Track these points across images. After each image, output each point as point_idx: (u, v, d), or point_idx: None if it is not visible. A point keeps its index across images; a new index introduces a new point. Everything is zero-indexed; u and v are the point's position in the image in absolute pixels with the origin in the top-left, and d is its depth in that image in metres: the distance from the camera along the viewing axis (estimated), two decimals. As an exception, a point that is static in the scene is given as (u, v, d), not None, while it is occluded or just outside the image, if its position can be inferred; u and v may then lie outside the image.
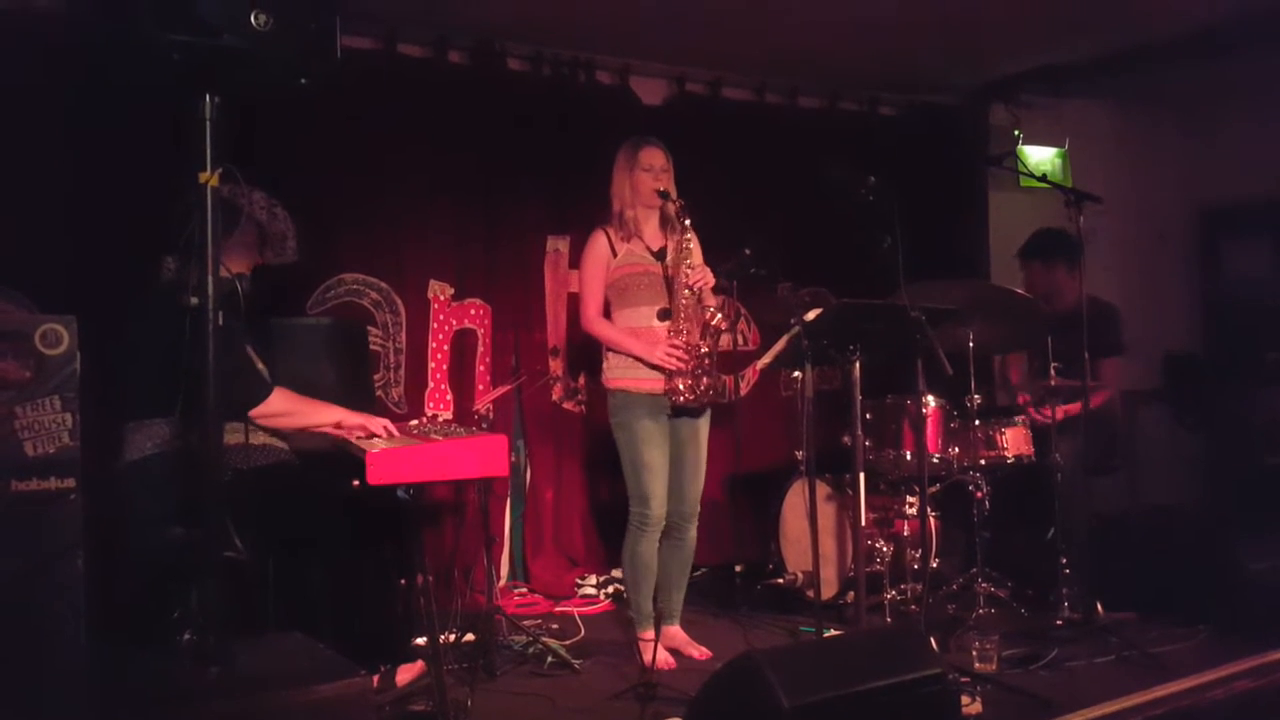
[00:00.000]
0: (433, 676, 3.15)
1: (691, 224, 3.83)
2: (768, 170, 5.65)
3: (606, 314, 3.94)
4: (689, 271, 3.79)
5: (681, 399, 3.77)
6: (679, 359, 3.76)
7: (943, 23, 5.00)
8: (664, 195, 3.84)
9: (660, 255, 3.90)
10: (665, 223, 3.94)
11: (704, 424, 3.95)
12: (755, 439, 5.45)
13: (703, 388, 3.79)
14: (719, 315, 3.80)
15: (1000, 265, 5.85)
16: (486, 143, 5.02)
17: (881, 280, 3.67)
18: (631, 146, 3.92)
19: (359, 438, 3.24)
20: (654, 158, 3.88)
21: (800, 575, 4.61)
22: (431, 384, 4.95)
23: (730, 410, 5.22)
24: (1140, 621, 4.11)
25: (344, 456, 3.25)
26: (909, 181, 3.89)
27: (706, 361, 3.80)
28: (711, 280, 3.86)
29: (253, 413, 3.17)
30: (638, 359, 3.81)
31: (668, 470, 3.88)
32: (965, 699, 3.20)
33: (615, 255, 3.88)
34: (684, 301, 3.80)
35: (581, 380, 5.26)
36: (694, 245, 3.88)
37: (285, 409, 3.26)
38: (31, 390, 2.19)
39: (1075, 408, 4.36)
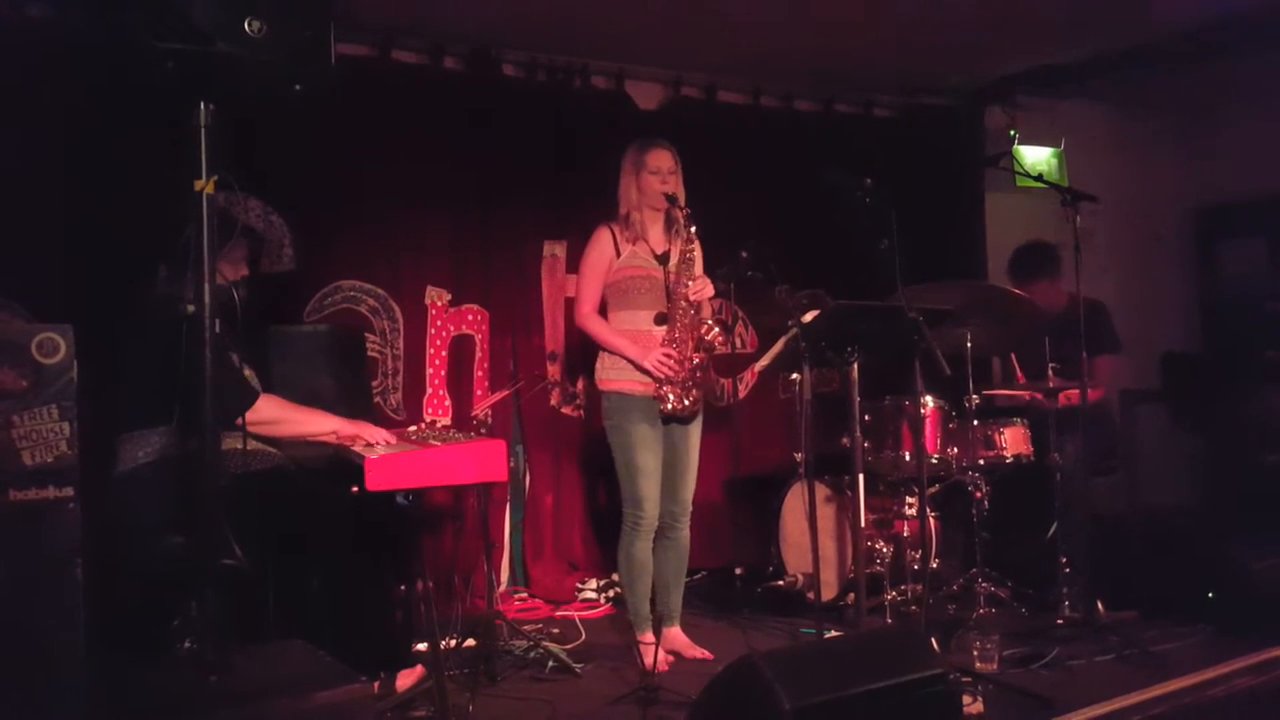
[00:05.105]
0: (433, 682, 3.14)
1: (697, 232, 3.83)
2: (764, 173, 5.65)
3: (603, 314, 3.93)
4: (689, 282, 3.79)
5: (669, 407, 3.77)
6: (671, 368, 3.76)
7: (938, 24, 5.01)
8: (671, 200, 3.81)
9: (663, 260, 3.88)
10: (670, 226, 3.92)
11: (695, 427, 3.94)
12: (754, 442, 5.46)
13: (691, 399, 3.80)
14: (715, 329, 3.79)
15: (997, 266, 5.83)
16: (482, 148, 5.02)
17: (879, 282, 3.67)
18: (639, 148, 3.89)
19: (358, 445, 3.23)
20: (662, 160, 3.85)
21: (800, 577, 4.61)
22: (430, 390, 4.95)
23: (729, 413, 5.23)
24: (1140, 620, 4.11)
25: (343, 463, 3.24)
26: (905, 183, 3.89)
27: (698, 374, 3.80)
28: (711, 292, 3.86)
29: (239, 420, 3.14)
30: (630, 361, 3.81)
31: (660, 473, 3.87)
32: (967, 699, 3.19)
33: (619, 255, 3.87)
34: (681, 311, 3.80)
35: (580, 385, 5.26)
36: (697, 255, 3.88)
37: (274, 416, 3.23)
38: (29, 399, 2.18)
39: (1074, 397, 4.36)
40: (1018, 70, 5.87)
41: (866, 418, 4.37)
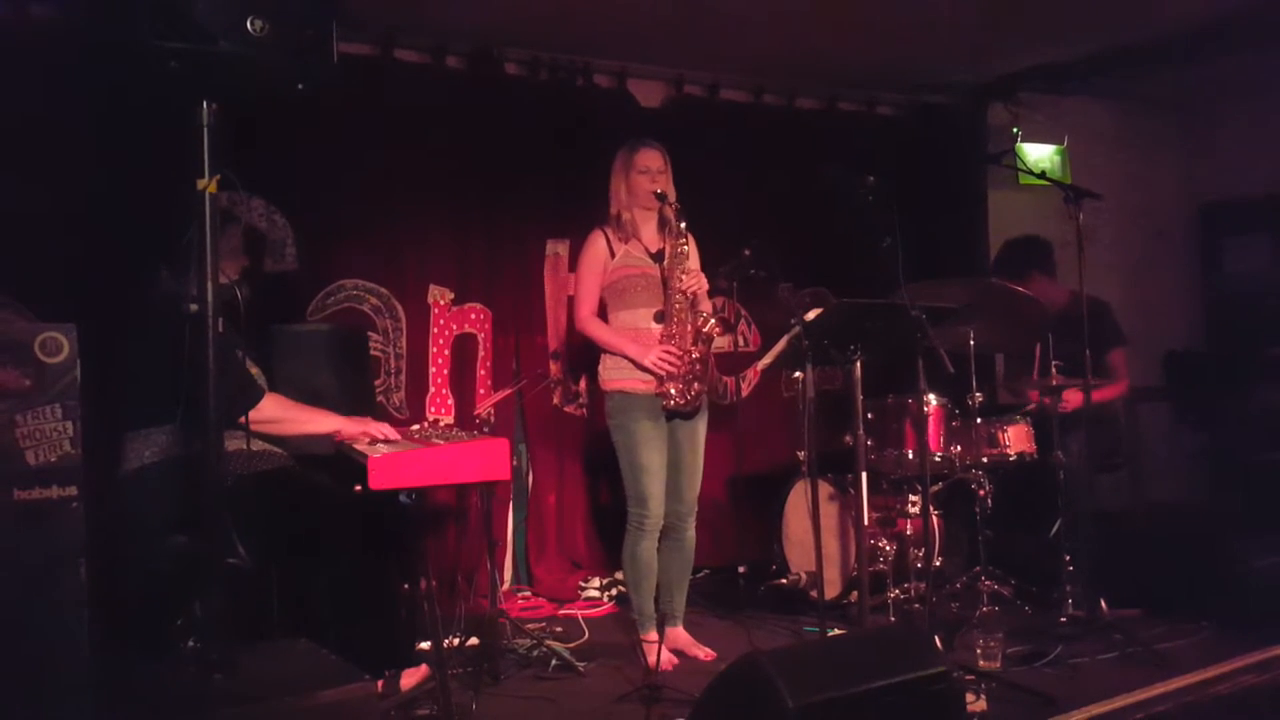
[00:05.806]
0: (437, 681, 3.15)
1: (688, 227, 3.84)
2: (767, 171, 5.65)
3: (603, 315, 3.94)
4: (683, 277, 3.80)
5: (672, 403, 3.78)
6: (671, 364, 3.76)
7: (940, 22, 5.00)
8: (661, 198, 3.83)
9: (658, 257, 3.90)
10: (664, 225, 3.93)
11: (701, 424, 3.95)
12: (757, 440, 5.46)
13: (693, 393, 3.80)
14: (711, 321, 3.80)
15: (1000, 264, 5.86)
16: (485, 147, 5.02)
17: (881, 280, 3.66)
18: (629, 149, 3.92)
19: (362, 444, 3.23)
20: (650, 160, 3.87)
21: (803, 575, 4.61)
22: (433, 388, 4.95)
23: (731, 412, 5.23)
24: (1144, 618, 4.11)
25: (346, 461, 3.24)
26: (908, 181, 3.89)
27: (698, 366, 3.80)
28: (706, 285, 3.86)
29: (242, 418, 3.13)
30: (631, 360, 3.81)
31: (665, 471, 3.87)
32: (970, 697, 3.19)
33: (613, 257, 3.89)
34: (677, 306, 3.80)
35: (582, 383, 5.26)
36: (690, 249, 3.88)
37: (278, 415, 3.22)
38: (32, 399, 2.18)
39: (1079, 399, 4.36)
40: (1020, 67, 5.86)
41: (869, 416, 4.37)
